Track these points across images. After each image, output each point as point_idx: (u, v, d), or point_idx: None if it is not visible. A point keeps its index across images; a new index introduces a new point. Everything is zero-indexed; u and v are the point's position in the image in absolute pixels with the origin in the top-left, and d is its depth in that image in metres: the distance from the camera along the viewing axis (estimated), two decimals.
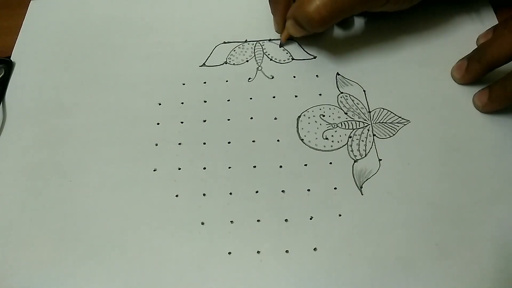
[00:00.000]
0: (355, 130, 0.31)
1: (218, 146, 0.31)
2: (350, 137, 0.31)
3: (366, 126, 0.31)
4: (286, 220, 0.28)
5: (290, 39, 0.35)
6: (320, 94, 0.32)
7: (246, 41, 0.35)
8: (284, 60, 0.34)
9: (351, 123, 0.31)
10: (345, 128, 0.31)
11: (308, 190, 0.29)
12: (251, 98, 0.33)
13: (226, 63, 0.34)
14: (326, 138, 0.31)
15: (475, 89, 0.31)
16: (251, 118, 0.32)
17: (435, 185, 0.28)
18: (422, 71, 0.33)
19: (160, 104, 0.33)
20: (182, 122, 0.32)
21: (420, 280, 0.26)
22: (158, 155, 0.30)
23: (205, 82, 0.33)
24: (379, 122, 0.31)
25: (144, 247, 0.27)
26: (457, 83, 0.32)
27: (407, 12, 0.33)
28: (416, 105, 0.31)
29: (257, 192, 0.29)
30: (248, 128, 0.31)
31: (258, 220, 0.28)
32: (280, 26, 0.34)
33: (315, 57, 0.34)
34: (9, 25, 0.37)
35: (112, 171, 0.30)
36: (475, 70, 0.31)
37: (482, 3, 0.36)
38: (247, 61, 0.34)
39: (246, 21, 0.36)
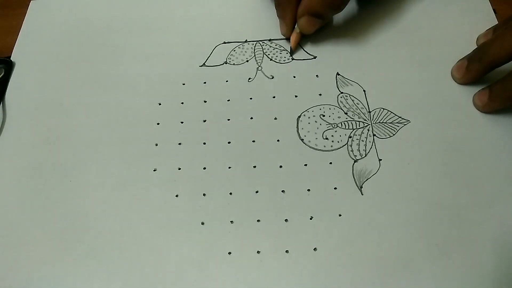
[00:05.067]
0: (355, 130, 0.31)
1: (218, 146, 0.31)
2: (350, 137, 0.31)
3: (366, 126, 0.31)
4: (286, 220, 0.28)
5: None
6: (320, 94, 0.32)
7: (246, 41, 0.35)
8: (284, 60, 0.34)
9: (351, 123, 0.31)
10: (345, 128, 0.31)
11: (308, 190, 0.29)
12: (251, 98, 0.33)
13: (226, 63, 0.34)
14: (326, 138, 0.31)
15: (475, 89, 0.31)
16: (251, 118, 0.32)
17: (435, 185, 0.28)
18: (422, 71, 0.33)
19: (160, 104, 0.33)
20: (182, 122, 0.32)
21: (420, 280, 0.26)
22: (158, 155, 0.30)
23: (205, 82, 0.33)
24: (379, 122, 0.31)
25: (144, 247, 0.27)
26: (457, 83, 0.32)
27: (408, 11, 0.33)
28: (416, 105, 0.31)
29: (257, 192, 0.29)
30: (248, 128, 0.31)
31: (258, 220, 0.28)
32: (290, 28, 0.34)
33: (315, 57, 0.34)
34: (9, 25, 0.37)
35: (112, 171, 0.30)
36: (475, 70, 0.31)
37: (482, 3, 0.36)
38: (247, 61, 0.34)
39: (246, 21, 0.36)
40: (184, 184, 0.29)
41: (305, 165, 0.30)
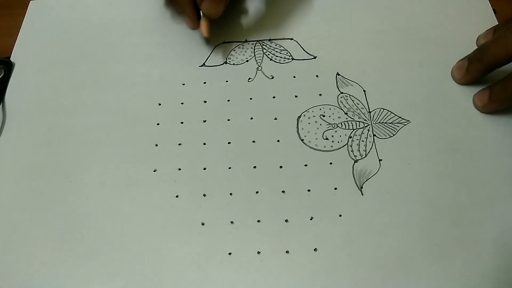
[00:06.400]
0: (355, 130, 0.31)
1: (218, 146, 0.31)
2: (350, 137, 0.31)
3: (366, 126, 0.31)
4: (286, 220, 0.28)
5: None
6: (320, 94, 0.32)
7: (246, 41, 0.35)
8: (284, 60, 0.34)
9: (351, 123, 0.31)
10: (345, 128, 0.31)
11: (308, 190, 0.29)
12: (251, 98, 0.33)
13: (226, 63, 0.34)
14: (326, 138, 0.31)
15: (475, 89, 0.31)
16: (251, 118, 0.32)
17: (435, 185, 0.28)
18: (422, 71, 0.33)
19: (160, 104, 0.33)
20: (182, 122, 0.32)
21: (420, 280, 0.26)
22: (158, 155, 0.30)
23: (205, 82, 0.33)
24: (379, 122, 0.31)
25: (144, 247, 0.27)
26: (458, 83, 0.32)
27: (408, 11, 0.33)
28: (416, 105, 0.31)
29: (257, 192, 0.29)
30: (248, 128, 0.31)
31: (258, 221, 0.28)
32: (195, 19, 0.32)
33: (315, 57, 0.34)
34: (9, 25, 0.37)
35: (112, 171, 0.30)
36: (476, 70, 0.31)
37: (482, 3, 0.36)
38: (247, 61, 0.34)
39: (246, 21, 0.36)
40: (184, 185, 0.29)
41: (305, 165, 0.30)
